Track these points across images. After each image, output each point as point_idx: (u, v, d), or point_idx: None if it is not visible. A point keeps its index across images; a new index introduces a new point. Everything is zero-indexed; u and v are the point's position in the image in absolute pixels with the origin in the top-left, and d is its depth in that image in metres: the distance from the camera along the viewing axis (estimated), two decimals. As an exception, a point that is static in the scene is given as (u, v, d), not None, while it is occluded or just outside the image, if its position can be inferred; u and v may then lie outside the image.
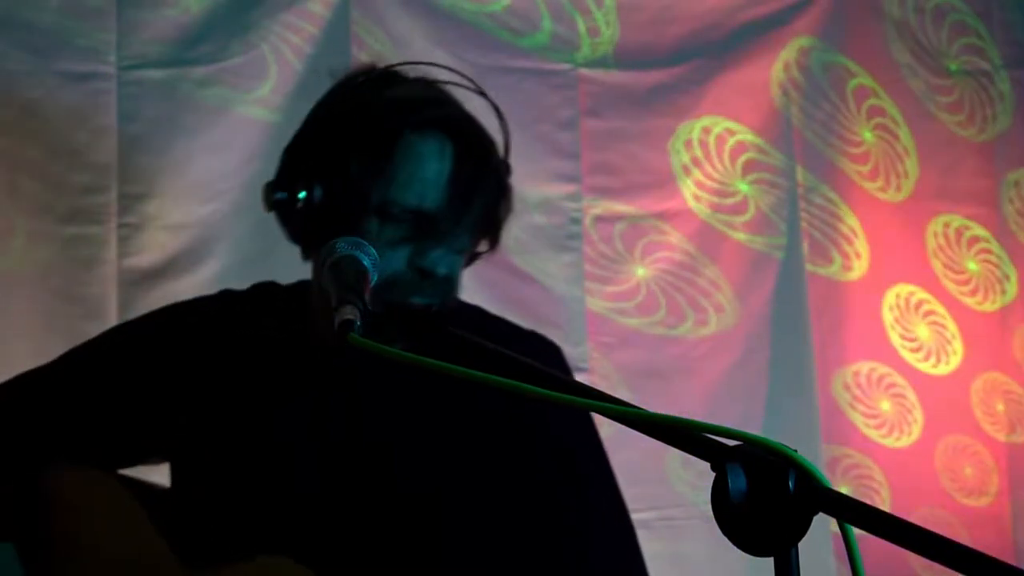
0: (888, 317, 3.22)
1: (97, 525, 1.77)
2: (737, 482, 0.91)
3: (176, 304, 1.85)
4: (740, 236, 3.08)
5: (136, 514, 1.74)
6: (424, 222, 1.60)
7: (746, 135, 3.10)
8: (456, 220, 1.61)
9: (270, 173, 1.69)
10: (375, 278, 1.31)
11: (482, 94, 1.73)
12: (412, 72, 1.74)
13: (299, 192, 1.61)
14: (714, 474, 0.92)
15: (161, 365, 1.79)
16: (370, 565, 1.69)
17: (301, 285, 1.76)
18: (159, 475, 1.87)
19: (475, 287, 2.84)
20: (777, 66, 3.11)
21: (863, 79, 3.21)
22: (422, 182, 1.61)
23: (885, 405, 3.20)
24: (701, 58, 3.07)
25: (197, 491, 1.79)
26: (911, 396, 3.22)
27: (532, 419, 1.69)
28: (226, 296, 1.84)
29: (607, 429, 1.75)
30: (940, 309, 3.25)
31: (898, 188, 3.23)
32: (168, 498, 1.80)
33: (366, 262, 1.32)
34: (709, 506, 0.92)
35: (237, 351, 1.77)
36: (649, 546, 2.99)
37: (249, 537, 1.71)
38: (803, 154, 3.13)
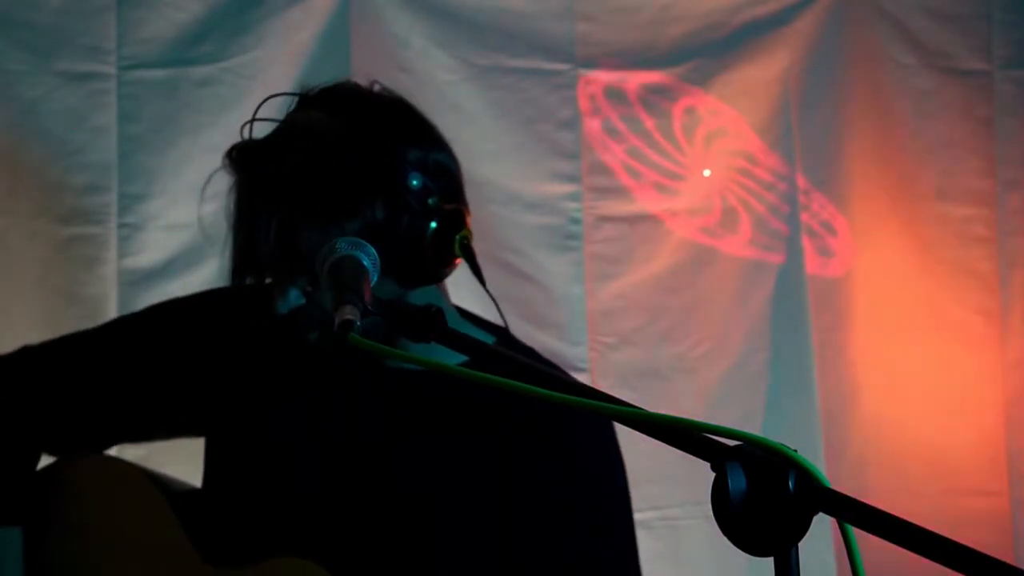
0: (888, 317, 3.22)
1: (113, 511, 1.78)
2: (737, 482, 0.91)
3: (214, 291, 1.86)
4: (740, 236, 3.08)
5: (157, 504, 1.74)
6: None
7: (746, 136, 3.09)
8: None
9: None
10: (375, 278, 1.31)
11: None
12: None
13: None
14: (714, 474, 0.92)
15: (182, 349, 1.80)
16: (370, 565, 1.69)
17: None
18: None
19: (476, 287, 2.84)
20: (777, 66, 3.10)
21: (863, 79, 3.20)
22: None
23: (884, 404, 3.21)
24: (701, 58, 3.07)
25: (215, 480, 1.80)
26: (911, 395, 3.22)
27: (533, 417, 1.69)
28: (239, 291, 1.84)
29: (607, 429, 1.75)
30: (940, 309, 3.25)
31: (898, 188, 3.23)
32: (193, 491, 1.81)
33: (366, 262, 1.32)
34: (709, 506, 0.92)
35: (240, 349, 1.77)
36: (649, 546, 3.01)
37: (252, 536, 1.71)
38: (803, 155, 3.13)
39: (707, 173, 3.07)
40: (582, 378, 2.83)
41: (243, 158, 1.68)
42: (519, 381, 1.05)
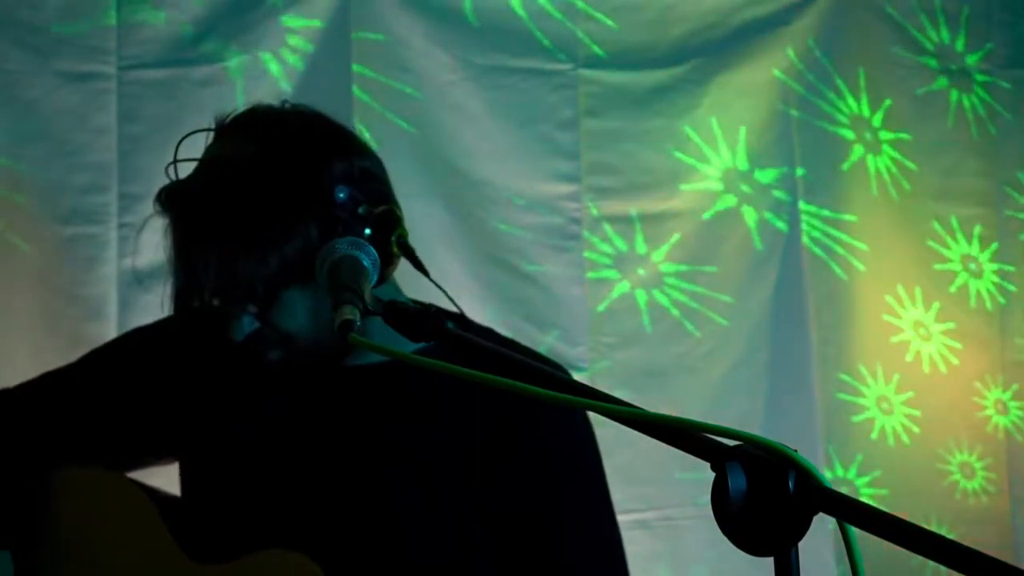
0: (887, 316, 3.22)
1: (104, 521, 1.79)
2: (737, 482, 0.91)
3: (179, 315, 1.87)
4: (740, 236, 3.08)
5: (145, 511, 1.75)
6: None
7: (746, 136, 3.09)
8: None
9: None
10: (374, 279, 1.31)
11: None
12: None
13: None
14: (714, 474, 0.92)
15: (162, 370, 1.81)
16: (357, 562, 1.69)
17: None
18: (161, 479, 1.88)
19: (475, 287, 2.84)
20: (777, 66, 3.11)
21: (863, 79, 3.20)
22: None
23: (884, 404, 3.20)
24: (701, 58, 3.07)
25: (193, 493, 1.80)
26: (910, 395, 3.22)
27: (518, 419, 1.68)
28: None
29: (607, 429, 1.75)
30: (939, 309, 3.25)
31: (898, 188, 3.23)
32: (177, 500, 1.82)
33: (366, 262, 1.32)
34: (709, 506, 0.92)
35: (230, 356, 1.78)
36: (649, 546, 3.00)
37: (245, 537, 1.71)
38: (803, 155, 3.13)
39: (707, 173, 3.07)
40: (582, 378, 2.83)
41: (172, 200, 1.67)
42: (519, 381, 1.05)
